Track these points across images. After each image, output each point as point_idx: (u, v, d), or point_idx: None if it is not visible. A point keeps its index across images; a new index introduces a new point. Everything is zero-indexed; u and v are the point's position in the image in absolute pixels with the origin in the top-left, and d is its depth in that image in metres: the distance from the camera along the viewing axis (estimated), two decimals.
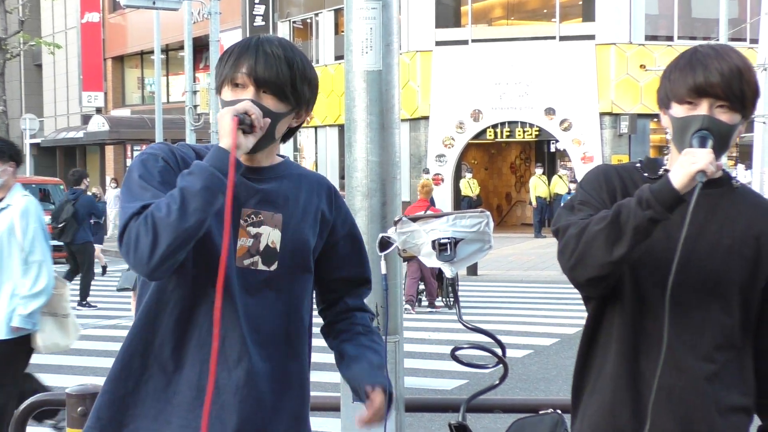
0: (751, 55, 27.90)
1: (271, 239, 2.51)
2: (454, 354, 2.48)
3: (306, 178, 2.64)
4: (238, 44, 2.54)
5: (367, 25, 3.25)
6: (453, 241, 2.35)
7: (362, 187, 3.26)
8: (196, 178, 2.31)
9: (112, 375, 2.51)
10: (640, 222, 2.38)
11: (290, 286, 2.54)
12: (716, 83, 2.46)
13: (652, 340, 2.54)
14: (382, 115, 3.26)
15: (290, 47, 2.54)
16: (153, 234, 2.27)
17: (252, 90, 2.47)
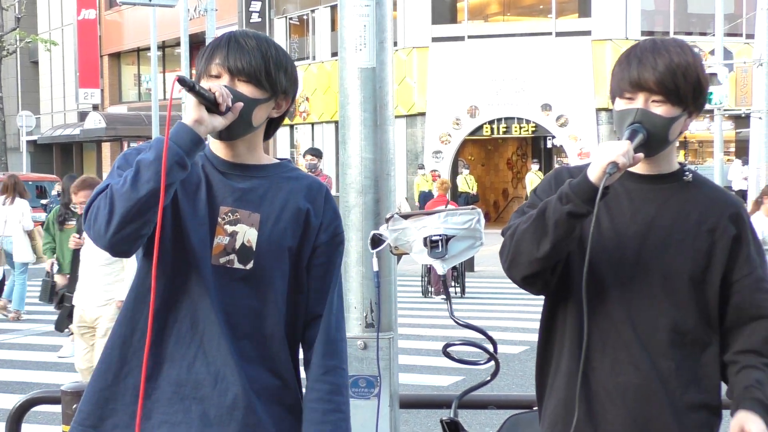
0: (747, 51, 27.93)
1: (247, 238, 2.50)
2: (445, 350, 2.48)
3: (296, 180, 2.61)
4: (215, 40, 2.57)
5: (361, 22, 3.26)
6: (444, 237, 2.35)
7: (356, 183, 3.27)
8: (152, 150, 2.35)
9: (95, 369, 2.55)
10: (559, 216, 2.43)
11: (266, 286, 2.53)
12: (649, 78, 2.50)
13: (605, 337, 2.55)
14: (375, 112, 3.27)
15: (264, 39, 2.56)
16: (110, 205, 2.32)
17: (227, 78, 2.49)
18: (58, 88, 49.41)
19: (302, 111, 35.32)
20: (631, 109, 2.53)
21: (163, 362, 2.48)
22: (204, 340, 2.47)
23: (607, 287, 2.56)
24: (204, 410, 2.47)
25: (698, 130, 31.09)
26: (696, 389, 2.60)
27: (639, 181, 2.61)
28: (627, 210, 2.59)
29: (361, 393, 3.22)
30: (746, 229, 2.63)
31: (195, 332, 2.48)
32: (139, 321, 2.48)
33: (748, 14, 27.95)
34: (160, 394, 2.48)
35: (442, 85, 29.81)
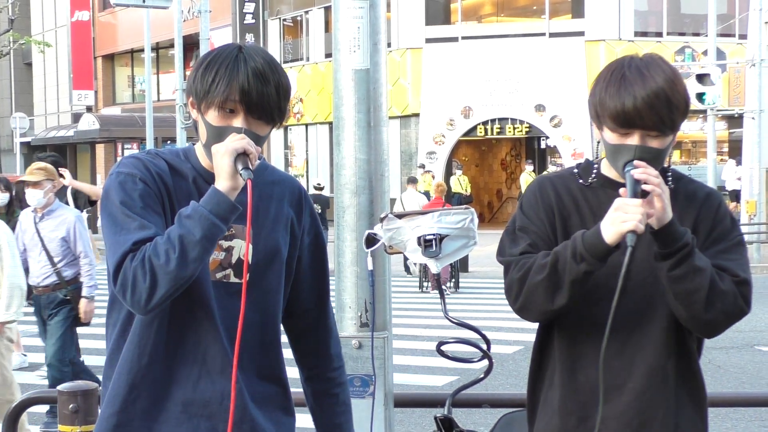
0: (740, 51, 27.98)
1: (243, 252, 2.50)
2: (439, 349, 2.50)
3: (278, 185, 2.62)
4: (220, 58, 2.44)
5: (355, 24, 3.28)
6: (438, 237, 2.37)
7: (350, 184, 3.28)
8: (195, 225, 2.30)
9: (107, 394, 2.52)
10: (576, 276, 2.46)
11: (264, 298, 2.55)
12: (644, 114, 2.47)
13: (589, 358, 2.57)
14: (369, 113, 3.29)
15: (273, 63, 2.49)
16: (151, 280, 2.28)
17: (242, 116, 2.42)
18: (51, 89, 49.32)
19: (296, 112, 35.30)
20: (629, 146, 2.51)
21: (169, 383, 2.48)
22: (207, 358, 2.47)
23: (600, 297, 2.57)
24: (213, 426, 2.48)
25: (691, 130, 31.13)
26: (689, 387, 2.63)
27: (616, 187, 2.57)
28: None
29: (356, 392, 3.24)
30: (722, 220, 2.64)
31: (198, 350, 2.48)
32: (147, 345, 2.46)
33: (741, 15, 28.01)
34: (168, 416, 2.48)
35: (436, 86, 29.83)
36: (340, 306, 3.31)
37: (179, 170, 2.52)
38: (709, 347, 10.82)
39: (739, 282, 2.57)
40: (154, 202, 2.42)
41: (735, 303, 2.55)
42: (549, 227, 2.64)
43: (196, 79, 2.46)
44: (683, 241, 2.45)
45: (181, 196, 2.47)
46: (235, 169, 2.34)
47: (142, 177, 2.43)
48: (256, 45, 2.57)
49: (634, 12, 29.80)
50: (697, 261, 2.47)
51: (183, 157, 2.56)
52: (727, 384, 9.26)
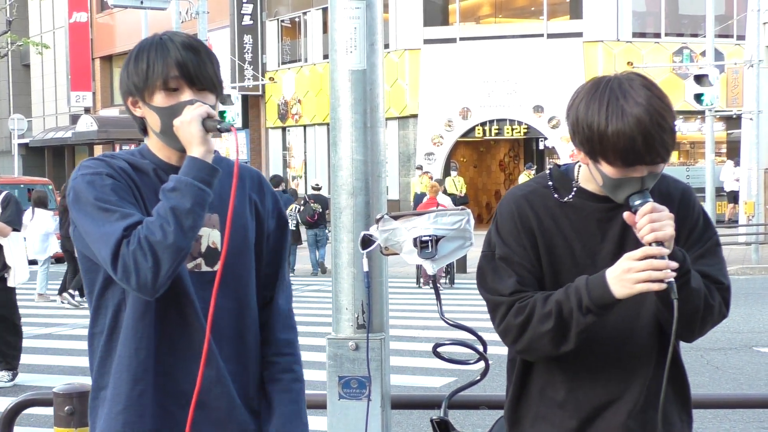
0: (738, 52, 27.99)
1: (212, 240, 2.51)
2: (435, 350, 2.49)
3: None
4: (146, 48, 2.49)
5: (352, 24, 3.26)
6: (434, 238, 2.36)
7: (347, 185, 3.27)
8: (183, 195, 2.32)
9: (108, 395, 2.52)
10: (584, 327, 2.45)
11: (237, 285, 2.56)
12: (655, 154, 2.39)
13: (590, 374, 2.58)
14: (366, 114, 3.27)
15: (196, 38, 2.54)
16: (153, 258, 2.28)
17: (188, 91, 2.45)
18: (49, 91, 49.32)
19: (294, 113, 35.31)
20: (635, 179, 2.43)
21: (166, 376, 2.49)
22: (195, 348, 2.48)
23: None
24: (206, 415, 2.49)
25: (689, 131, 31.14)
26: (674, 379, 2.64)
27: (603, 200, 2.56)
28: (596, 231, 2.57)
29: (352, 394, 3.23)
30: (698, 219, 2.62)
31: (187, 341, 2.49)
32: (143, 339, 2.47)
33: (739, 15, 28.02)
34: (167, 408, 2.49)
35: (434, 87, 29.83)
36: (337, 307, 3.30)
37: (139, 167, 2.52)
38: (708, 348, 10.87)
39: (723, 289, 2.57)
40: (127, 193, 2.42)
41: (720, 312, 2.57)
42: (533, 254, 2.57)
43: (130, 75, 2.49)
44: (684, 268, 2.42)
45: (147, 191, 2.47)
46: (205, 133, 2.38)
47: (108, 173, 2.43)
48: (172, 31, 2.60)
49: (633, 13, 29.81)
50: (693, 283, 2.46)
51: (139, 155, 2.57)
52: (726, 385, 9.26)
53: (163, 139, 2.50)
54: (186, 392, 2.48)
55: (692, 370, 9.64)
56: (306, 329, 12.97)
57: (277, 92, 35.86)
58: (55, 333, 13.09)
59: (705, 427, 7.60)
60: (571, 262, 2.56)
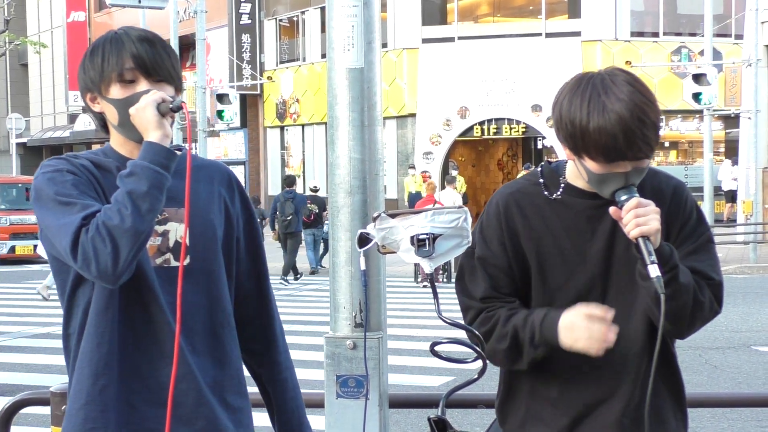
0: (736, 51, 28.00)
1: (179, 234, 2.51)
2: (433, 349, 2.49)
3: (204, 168, 2.64)
4: (101, 43, 2.51)
5: (349, 22, 3.26)
6: (431, 236, 2.36)
7: (345, 184, 3.26)
8: (139, 179, 2.31)
9: (71, 391, 2.52)
10: (533, 357, 2.56)
11: (206, 279, 2.56)
12: (637, 149, 2.39)
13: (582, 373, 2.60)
14: (363, 112, 3.27)
15: (149, 32, 2.55)
16: (112, 243, 2.27)
17: (145, 82, 2.46)
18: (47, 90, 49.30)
19: (293, 112, 35.30)
20: (618, 174, 2.44)
21: (132, 370, 2.48)
22: (161, 343, 2.47)
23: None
24: (173, 412, 2.47)
25: (688, 130, 31.15)
26: (666, 376, 2.65)
27: (592, 197, 2.56)
28: (586, 228, 2.57)
29: (350, 393, 3.22)
30: (690, 215, 2.61)
31: (152, 337, 2.48)
32: (105, 334, 2.45)
33: (737, 15, 28.04)
34: (132, 404, 2.48)
35: (433, 86, 29.83)
36: (335, 306, 3.30)
37: (101, 164, 2.51)
38: (706, 347, 10.87)
39: (713, 285, 2.56)
40: (88, 188, 2.42)
41: (711, 309, 2.56)
42: (513, 255, 2.60)
43: (86, 70, 2.51)
44: (671, 263, 2.42)
45: (109, 187, 2.46)
46: (160, 117, 2.38)
47: (69, 170, 2.43)
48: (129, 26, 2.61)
49: (631, 12, 29.82)
50: (682, 278, 2.45)
51: (102, 154, 2.57)
52: (724, 384, 9.26)
53: (121, 132, 2.50)
54: (152, 388, 2.48)
55: (690, 369, 9.65)
56: (304, 328, 12.98)
57: (275, 91, 35.86)
58: (53, 332, 13.09)
59: (703, 426, 7.61)
60: (560, 259, 2.57)
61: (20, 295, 17.53)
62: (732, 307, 14.35)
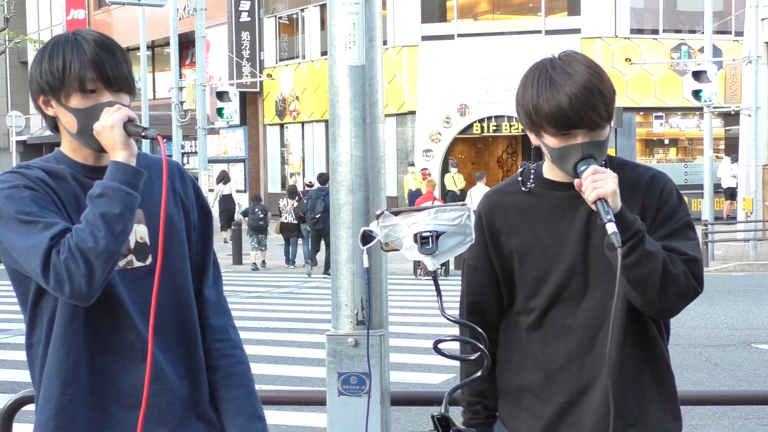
0: (736, 49, 27.99)
1: (139, 235, 2.52)
2: (436, 347, 2.49)
3: (155, 167, 2.62)
4: (60, 46, 2.45)
5: (350, 20, 3.26)
6: (434, 234, 2.36)
7: (346, 181, 3.26)
8: (111, 200, 2.31)
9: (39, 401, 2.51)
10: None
11: (172, 276, 2.56)
12: (583, 114, 2.49)
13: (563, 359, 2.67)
14: (365, 109, 3.26)
15: (108, 37, 2.52)
16: (86, 265, 2.27)
17: (106, 93, 2.44)
18: None
19: (292, 110, 35.30)
20: (575, 146, 2.53)
21: (101, 377, 2.48)
22: (131, 346, 2.48)
23: (566, 298, 2.65)
24: (146, 413, 2.46)
25: (688, 127, 31.15)
26: (653, 370, 2.66)
27: (566, 188, 2.63)
28: (563, 219, 2.65)
29: (352, 390, 3.22)
30: (667, 200, 2.64)
31: (121, 340, 2.48)
32: (71, 344, 2.45)
33: (737, 12, 28.02)
34: (108, 411, 2.49)
35: (432, 83, 29.82)
36: (336, 304, 3.29)
37: (56, 173, 2.49)
38: (706, 345, 10.88)
39: (688, 260, 2.57)
40: (47, 202, 2.40)
41: (687, 283, 2.55)
42: (495, 255, 2.73)
43: (43, 74, 2.45)
44: (634, 228, 2.47)
45: (66, 197, 2.45)
46: (127, 138, 2.38)
47: (26, 185, 2.40)
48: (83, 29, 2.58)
49: (630, 9, 29.81)
50: (648, 246, 2.49)
51: (54, 160, 2.54)
52: (724, 382, 9.27)
53: (79, 140, 2.49)
54: (124, 391, 2.49)
55: (691, 367, 9.66)
56: (303, 326, 12.99)
57: (274, 89, 35.85)
58: None
59: (704, 424, 7.61)
60: (538, 250, 2.66)
61: None
62: (732, 304, 14.36)
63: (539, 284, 2.66)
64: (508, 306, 2.77)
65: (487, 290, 2.77)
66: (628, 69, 28.65)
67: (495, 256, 2.72)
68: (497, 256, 2.72)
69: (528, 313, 2.70)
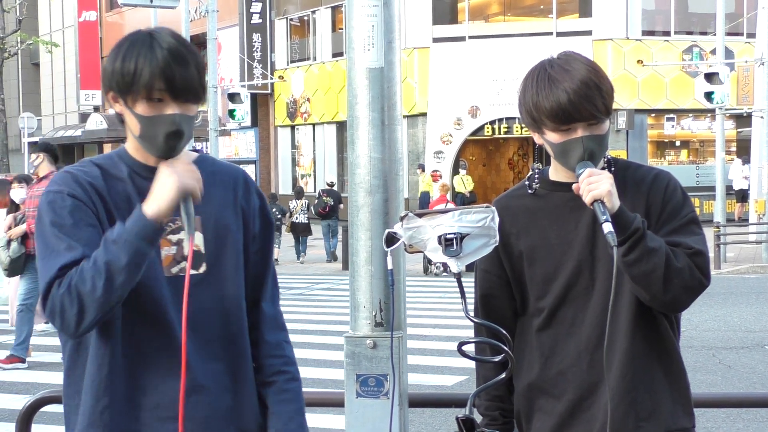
0: (749, 50, 27.91)
1: (194, 243, 2.47)
2: (460, 348, 2.50)
3: (219, 174, 2.60)
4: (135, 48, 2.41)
5: (369, 22, 3.26)
6: (459, 236, 2.36)
7: (365, 183, 3.27)
8: (121, 250, 2.28)
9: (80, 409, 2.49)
10: None
11: (223, 285, 2.53)
12: (581, 108, 2.55)
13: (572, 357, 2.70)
14: (383, 111, 3.27)
15: (185, 42, 2.47)
16: (78, 307, 2.28)
17: (171, 103, 2.41)
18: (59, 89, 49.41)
19: (303, 112, 35.32)
20: (575, 140, 2.59)
21: (135, 389, 2.46)
22: (172, 357, 2.43)
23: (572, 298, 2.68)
24: (185, 426, 2.44)
25: (699, 129, 31.08)
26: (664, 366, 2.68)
27: (568, 189, 2.66)
28: (570, 219, 2.69)
29: (370, 392, 3.23)
30: (671, 197, 2.67)
31: (162, 351, 2.45)
32: (105, 356, 2.43)
33: (749, 13, 27.95)
34: (142, 423, 2.47)
35: (443, 85, 29.81)
36: (355, 305, 3.30)
37: (113, 173, 2.49)
38: (719, 347, 10.86)
39: (693, 253, 2.58)
40: (86, 214, 2.39)
41: (693, 276, 2.57)
42: (506, 259, 2.76)
43: (115, 73, 2.43)
44: (634, 225, 2.51)
45: (118, 200, 2.44)
46: (173, 202, 2.34)
47: (71, 192, 2.40)
48: (163, 27, 2.55)
49: (642, 11, 29.76)
50: (649, 242, 2.52)
51: (117, 158, 2.53)
52: (738, 384, 9.24)
53: (140, 143, 2.47)
54: (160, 404, 2.46)
55: (704, 369, 9.64)
56: (317, 327, 12.99)
57: (286, 91, 35.88)
58: None
59: (718, 426, 7.59)
60: (546, 250, 2.70)
61: None
62: (745, 306, 14.32)
63: (548, 283, 2.70)
64: (522, 309, 2.79)
65: (499, 294, 2.80)
66: (639, 71, 28.60)
67: (505, 259, 2.75)
68: (507, 259, 2.75)
69: (538, 313, 2.73)
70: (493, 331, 2.50)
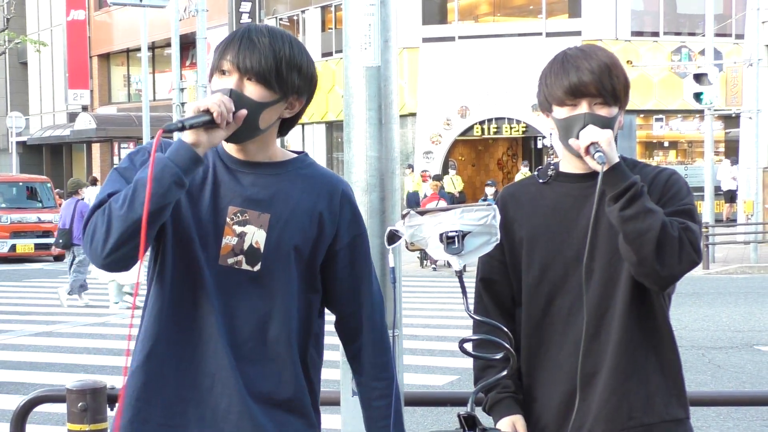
0: (737, 51, 28.01)
1: (255, 239, 2.45)
2: (462, 346, 2.50)
3: (310, 179, 2.56)
4: (230, 33, 2.50)
5: (366, 21, 3.26)
6: (460, 234, 2.37)
7: (361, 182, 3.26)
8: (151, 167, 2.28)
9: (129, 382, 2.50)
10: None
11: (275, 288, 2.48)
12: (589, 82, 2.62)
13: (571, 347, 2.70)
14: (380, 110, 3.27)
15: (280, 35, 2.48)
16: (107, 225, 2.28)
17: (236, 77, 2.41)
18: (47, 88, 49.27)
19: None
20: (578, 115, 2.63)
21: (164, 367, 2.47)
22: (202, 344, 2.44)
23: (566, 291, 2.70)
24: (201, 414, 2.45)
25: (688, 130, 31.17)
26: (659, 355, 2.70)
27: (580, 180, 2.72)
28: (572, 207, 2.72)
29: None
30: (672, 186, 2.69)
31: (192, 336, 2.45)
32: (161, 332, 2.46)
33: (738, 14, 28.06)
34: (162, 400, 2.47)
35: (433, 85, 29.84)
36: None
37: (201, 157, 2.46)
38: (709, 347, 10.89)
39: (686, 228, 2.58)
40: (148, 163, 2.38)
41: (683, 248, 2.55)
42: (507, 246, 2.76)
43: (214, 59, 2.49)
44: (631, 180, 2.54)
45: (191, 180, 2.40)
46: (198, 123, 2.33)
47: (149, 149, 2.40)
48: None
49: (631, 12, 29.84)
50: (647, 203, 2.54)
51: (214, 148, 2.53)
52: (728, 383, 9.27)
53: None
54: (184, 385, 2.46)
55: (694, 369, 9.66)
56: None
57: None
58: (56, 331, 13.10)
59: (708, 425, 7.62)
60: (546, 236, 2.73)
61: (21, 293, 17.52)
62: (734, 306, 14.37)
63: (546, 270, 2.72)
64: (519, 298, 2.80)
65: (500, 278, 2.82)
66: (628, 71, 28.43)
67: (507, 245, 2.76)
68: (509, 245, 2.77)
69: (535, 301, 2.74)
70: (493, 328, 2.51)
